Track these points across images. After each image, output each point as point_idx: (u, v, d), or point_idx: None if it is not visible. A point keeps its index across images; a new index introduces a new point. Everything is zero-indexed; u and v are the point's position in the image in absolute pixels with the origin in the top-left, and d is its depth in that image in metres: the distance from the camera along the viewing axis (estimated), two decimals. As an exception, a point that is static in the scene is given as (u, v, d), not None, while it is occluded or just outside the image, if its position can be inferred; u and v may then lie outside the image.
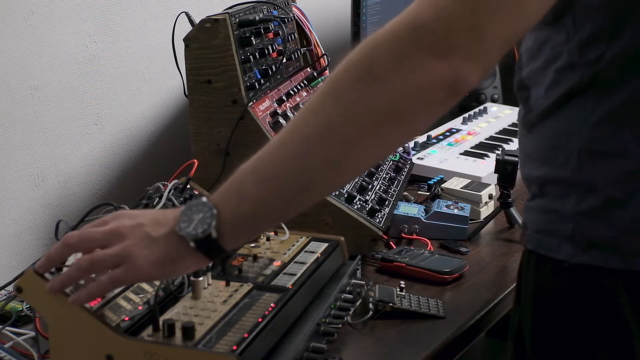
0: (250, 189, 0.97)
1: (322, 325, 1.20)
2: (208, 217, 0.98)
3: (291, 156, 0.96)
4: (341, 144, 0.94)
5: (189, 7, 1.72)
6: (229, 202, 0.99)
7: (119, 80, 1.74)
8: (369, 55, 0.92)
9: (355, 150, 0.94)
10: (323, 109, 0.95)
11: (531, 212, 1.13)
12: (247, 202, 0.98)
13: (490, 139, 2.18)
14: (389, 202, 1.59)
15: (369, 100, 0.91)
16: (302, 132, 0.96)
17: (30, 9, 1.52)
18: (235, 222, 0.99)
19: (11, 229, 1.55)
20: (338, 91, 0.94)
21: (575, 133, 1.05)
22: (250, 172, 0.98)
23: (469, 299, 1.39)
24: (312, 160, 0.96)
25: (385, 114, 0.92)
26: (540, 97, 1.10)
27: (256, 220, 1.00)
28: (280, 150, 0.97)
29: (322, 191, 1.03)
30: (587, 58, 1.03)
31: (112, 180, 1.75)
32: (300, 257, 1.33)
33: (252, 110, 1.49)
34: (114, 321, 1.08)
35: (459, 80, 0.89)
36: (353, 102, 0.92)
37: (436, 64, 0.89)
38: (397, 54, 0.90)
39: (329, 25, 2.24)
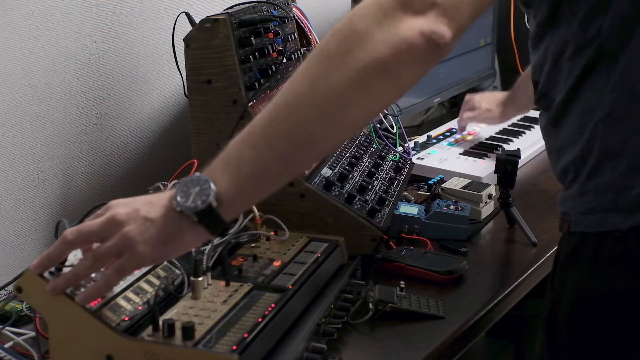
0: (247, 153, 1.01)
1: (322, 325, 1.20)
2: (205, 188, 1.00)
3: (286, 114, 1.01)
4: (332, 97, 0.99)
5: (189, 7, 1.72)
6: (225, 171, 1.01)
7: (119, 80, 1.74)
8: (353, 18, 1.00)
9: (346, 103, 1.00)
10: (313, 67, 1.01)
11: (570, 200, 1.17)
12: (246, 166, 1.01)
13: (490, 139, 2.18)
14: (389, 202, 1.59)
15: (357, 54, 0.98)
16: (294, 90, 1.01)
17: (30, 9, 1.52)
18: (234, 189, 1.01)
19: (11, 229, 1.55)
20: (326, 51, 1.01)
21: (597, 105, 1.11)
22: (244, 138, 1.02)
23: (469, 299, 1.39)
24: (306, 115, 1.00)
25: (372, 66, 0.98)
26: (560, 91, 1.16)
27: (256, 183, 1.03)
28: (273, 111, 1.02)
29: (319, 147, 1.06)
30: (590, 33, 1.10)
31: (112, 180, 1.75)
32: (300, 257, 1.33)
33: (252, 110, 1.49)
34: (114, 321, 1.08)
35: (435, 32, 0.98)
36: (342, 57, 0.98)
37: (414, 18, 0.98)
38: (378, 14, 0.98)
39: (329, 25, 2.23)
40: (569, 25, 1.13)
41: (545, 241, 1.60)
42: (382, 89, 1.00)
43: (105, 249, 1.02)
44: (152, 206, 1.03)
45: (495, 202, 1.74)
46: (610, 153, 1.11)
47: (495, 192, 1.75)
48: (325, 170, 1.56)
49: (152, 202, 1.03)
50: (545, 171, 1.99)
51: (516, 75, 2.70)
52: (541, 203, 1.81)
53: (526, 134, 2.23)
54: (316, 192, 1.46)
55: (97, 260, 1.03)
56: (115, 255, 1.02)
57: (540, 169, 2.03)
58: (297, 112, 1.00)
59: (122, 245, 1.01)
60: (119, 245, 1.01)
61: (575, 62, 1.13)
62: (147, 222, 1.01)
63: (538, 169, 2.04)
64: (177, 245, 1.03)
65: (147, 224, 1.01)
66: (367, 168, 1.67)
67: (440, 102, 2.50)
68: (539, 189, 1.90)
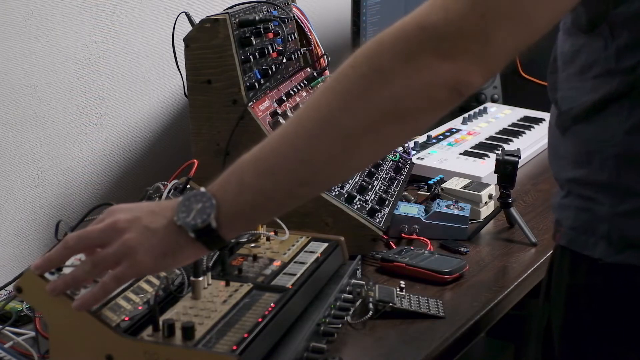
0: (251, 180, 0.98)
1: (322, 325, 1.20)
2: (207, 207, 0.99)
3: (292, 150, 0.97)
4: (342, 140, 0.95)
5: (189, 7, 1.72)
6: (228, 192, 0.99)
7: (119, 80, 1.74)
8: (376, 52, 0.93)
9: (356, 146, 0.95)
10: (326, 104, 0.95)
11: (565, 210, 1.14)
12: (247, 193, 0.99)
13: (490, 139, 2.18)
14: (389, 202, 1.59)
15: (373, 97, 0.92)
16: (304, 125, 0.97)
17: (30, 9, 1.52)
18: (235, 213, 1.00)
19: (11, 229, 1.55)
20: (342, 87, 0.94)
21: (609, 139, 1.06)
22: (251, 163, 0.99)
23: (469, 299, 1.39)
24: (313, 154, 0.96)
25: (388, 111, 0.92)
26: (575, 101, 1.10)
27: (255, 211, 1.01)
28: (281, 143, 0.98)
29: (321, 186, 1.04)
30: (625, 65, 1.03)
31: (112, 180, 1.75)
32: (300, 257, 1.33)
33: (252, 110, 1.49)
34: (114, 321, 1.08)
35: (462, 82, 0.91)
36: (356, 98, 0.93)
37: (441, 64, 0.89)
38: (403, 53, 0.91)
39: (329, 25, 2.24)
40: (605, 45, 1.05)
41: (545, 241, 1.60)
42: (396, 134, 0.96)
43: (104, 256, 1.02)
44: (154, 216, 1.02)
45: (495, 202, 1.74)
46: (618, 190, 1.06)
47: (495, 192, 1.75)
48: (325, 170, 1.56)
49: (154, 212, 1.02)
50: (546, 171, 1.99)
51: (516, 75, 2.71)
52: (541, 203, 1.81)
53: (526, 134, 2.23)
54: (316, 192, 1.46)
55: (95, 266, 1.03)
56: (114, 262, 1.02)
57: (540, 169, 2.03)
58: (304, 149, 0.96)
59: (122, 253, 1.01)
60: (119, 253, 1.01)
61: (599, 84, 1.07)
62: (148, 232, 1.00)
63: (538, 169, 2.04)
64: (176, 258, 1.02)
65: (148, 233, 1.00)
66: (367, 168, 1.67)
67: (440, 102, 2.49)
68: (539, 189, 1.90)
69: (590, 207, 1.09)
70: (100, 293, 1.03)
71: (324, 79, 1.77)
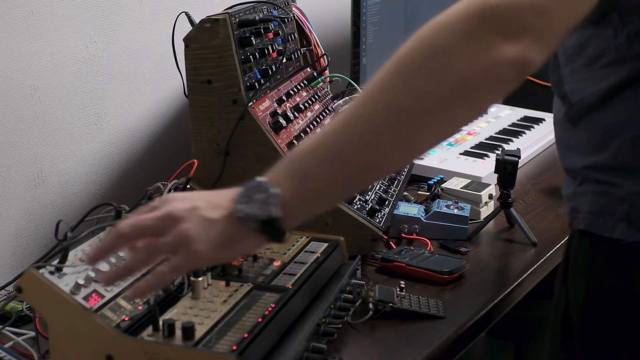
0: (313, 167, 0.97)
1: (322, 325, 1.20)
2: (270, 197, 0.97)
3: (356, 134, 0.96)
4: (408, 123, 0.94)
5: (189, 7, 1.72)
6: (288, 181, 0.98)
7: (119, 80, 1.74)
8: (439, 33, 0.93)
9: (422, 128, 0.95)
10: (391, 86, 0.95)
11: (582, 196, 1.15)
12: (310, 180, 0.97)
13: (490, 139, 2.18)
14: (389, 202, 1.59)
15: (438, 77, 0.92)
16: (369, 109, 0.96)
17: (30, 9, 1.52)
18: (298, 202, 0.98)
19: (11, 229, 1.55)
20: (406, 69, 0.94)
21: (627, 123, 1.08)
22: (311, 151, 0.98)
23: (469, 299, 1.39)
24: (379, 137, 0.95)
25: (454, 92, 0.92)
26: (586, 91, 1.12)
27: (319, 198, 1.00)
28: (344, 129, 0.97)
29: (387, 169, 1.03)
30: (636, 50, 1.06)
31: (112, 180, 1.75)
32: (300, 257, 1.33)
33: (252, 110, 1.49)
34: (114, 321, 1.08)
35: (526, 60, 0.91)
36: (422, 80, 0.93)
37: (504, 44, 0.90)
38: (467, 34, 0.91)
39: (329, 25, 2.24)
40: (615, 34, 1.08)
41: (545, 241, 1.60)
42: (461, 114, 0.96)
43: (162, 245, 0.99)
44: (213, 206, 0.99)
45: (495, 202, 1.74)
46: (635, 171, 1.08)
47: (495, 192, 1.75)
48: (325, 170, 1.56)
49: (211, 202, 1.00)
50: (546, 171, 1.99)
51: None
52: (541, 203, 1.81)
53: (526, 134, 2.23)
54: (316, 192, 1.46)
55: (152, 254, 1.00)
56: (170, 252, 0.99)
57: (540, 169, 2.03)
58: (370, 133, 0.95)
59: (179, 243, 0.98)
60: (176, 243, 0.98)
61: (611, 71, 1.09)
62: (207, 222, 0.98)
63: (538, 169, 2.04)
64: (235, 249, 1.00)
65: (206, 224, 0.98)
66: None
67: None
68: (539, 189, 1.90)
69: (607, 191, 1.11)
70: (156, 283, 1.01)
71: (324, 79, 1.77)
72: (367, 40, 1.97)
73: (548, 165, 2.04)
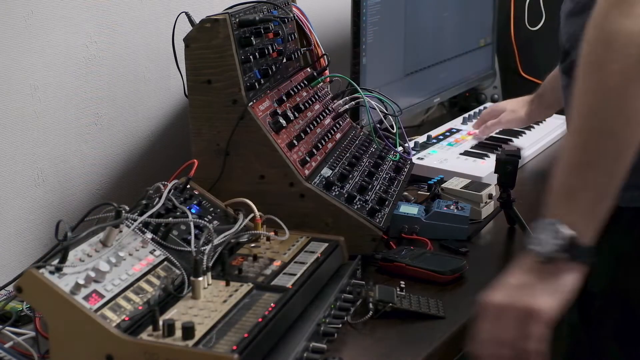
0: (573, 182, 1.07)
1: (322, 325, 1.20)
2: (551, 224, 1.05)
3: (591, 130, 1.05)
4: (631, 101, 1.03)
5: (189, 7, 1.72)
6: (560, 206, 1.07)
7: (119, 80, 1.74)
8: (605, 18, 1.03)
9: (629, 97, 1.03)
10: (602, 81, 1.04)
11: None
12: (578, 197, 1.06)
13: (490, 139, 2.18)
14: (389, 202, 1.59)
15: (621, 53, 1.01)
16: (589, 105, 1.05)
17: (30, 9, 1.52)
18: (581, 215, 1.05)
19: (11, 229, 1.55)
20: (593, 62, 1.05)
21: None
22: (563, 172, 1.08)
23: (469, 299, 1.39)
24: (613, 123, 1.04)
25: None
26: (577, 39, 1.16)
27: (595, 203, 1.06)
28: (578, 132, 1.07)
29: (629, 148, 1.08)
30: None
31: (112, 180, 1.75)
32: (300, 257, 1.33)
33: (252, 110, 1.49)
34: (114, 321, 1.08)
35: None
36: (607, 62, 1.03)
37: None
38: None
39: (329, 25, 2.24)
40: None
41: (545, 241, 1.59)
42: None
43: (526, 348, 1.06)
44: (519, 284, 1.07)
45: (495, 202, 1.74)
46: None
47: (495, 192, 1.75)
48: (325, 170, 1.56)
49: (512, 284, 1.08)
50: (546, 171, 1.99)
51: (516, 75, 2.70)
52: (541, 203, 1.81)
53: (526, 134, 2.23)
54: (316, 192, 1.46)
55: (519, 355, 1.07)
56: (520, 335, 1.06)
57: (541, 169, 2.03)
58: (602, 123, 1.04)
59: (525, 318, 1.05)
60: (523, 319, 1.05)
61: None
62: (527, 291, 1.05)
63: (538, 169, 2.04)
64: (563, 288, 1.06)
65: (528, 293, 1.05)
66: (367, 168, 1.67)
67: (440, 102, 2.50)
68: (539, 189, 1.90)
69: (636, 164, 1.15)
70: None
71: (324, 79, 1.77)
72: (367, 40, 1.97)
73: (548, 165, 2.04)
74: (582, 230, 1.04)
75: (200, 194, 1.44)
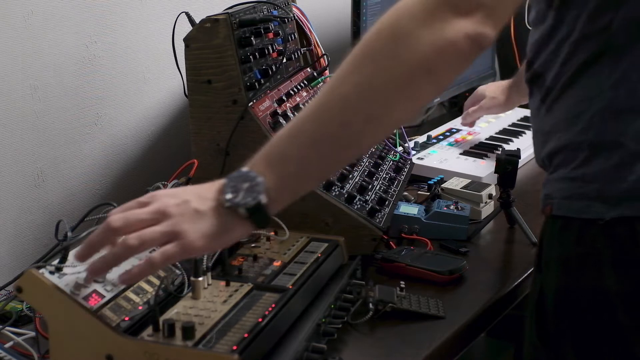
0: (293, 152, 1.03)
1: (322, 325, 1.20)
2: (255, 184, 1.02)
3: (332, 116, 1.03)
4: (378, 99, 1.01)
5: (189, 7, 1.72)
6: (271, 167, 1.03)
7: (119, 80, 1.74)
8: (399, 16, 1.02)
9: (391, 104, 1.02)
10: (360, 68, 1.02)
11: (555, 182, 1.20)
12: (290, 164, 1.03)
13: (490, 139, 2.18)
14: (389, 202, 1.59)
15: (402, 55, 1.00)
16: (341, 92, 1.02)
17: (30, 9, 1.52)
18: (281, 186, 1.03)
19: (11, 229, 1.55)
20: (372, 51, 1.02)
21: (596, 96, 1.12)
22: (290, 136, 1.04)
23: (469, 299, 1.39)
24: (353, 117, 1.02)
25: (417, 67, 1.00)
26: (553, 76, 1.17)
27: (301, 181, 1.06)
28: (320, 112, 1.04)
29: (362, 147, 1.09)
30: (598, 26, 1.11)
31: (112, 180, 1.75)
32: (300, 257, 1.33)
33: (252, 110, 1.49)
34: (114, 321, 1.08)
35: (480, 34, 0.99)
36: (388, 59, 1.00)
37: (460, 20, 0.98)
38: (424, 14, 1.00)
39: (329, 25, 2.24)
40: (578, 12, 1.13)
41: (545, 241, 1.59)
42: (425, 89, 1.02)
43: (156, 234, 1.02)
44: (202, 199, 1.04)
45: (495, 202, 1.74)
46: (604, 146, 1.12)
47: (495, 192, 1.75)
48: (325, 170, 1.56)
49: (201, 195, 1.04)
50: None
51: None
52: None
53: (526, 134, 2.23)
54: (316, 192, 1.46)
55: (143, 243, 1.02)
56: (162, 242, 1.02)
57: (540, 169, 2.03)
58: (342, 114, 1.02)
59: (172, 233, 1.02)
60: (169, 234, 1.02)
61: (578, 49, 1.13)
62: (198, 214, 1.02)
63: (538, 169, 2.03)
64: (225, 238, 1.04)
65: (198, 215, 1.02)
66: (367, 168, 1.67)
67: (440, 102, 2.50)
68: (538, 189, 1.89)
69: (579, 174, 1.14)
70: (147, 269, 1.04)
71: (324, 79, 1.77)
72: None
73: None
74: (274, 200, 1.02)
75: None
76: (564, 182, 1.17)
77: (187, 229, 1.01)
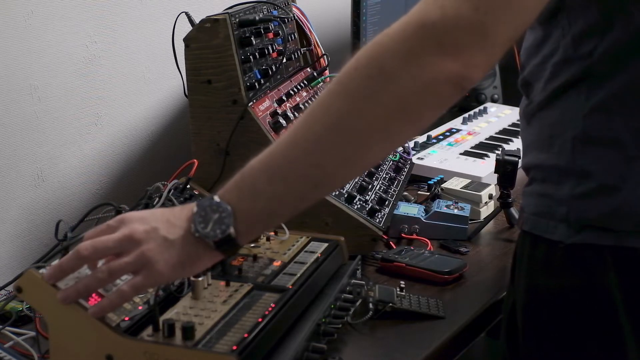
0: (264, 187, 1.00)
1: (322, 325, 1.20)
2: (225, 216, 1.00)
3: (303, 154, 0.98)
4: (352, 141, 0.96)
5: (189, 7, 1.72)
6: (242, 200, 1.01)
7: (119, 80, 1.74)
8: (378, 53, 0.94)
9: (365, 146, 0.97)
10: (334, 107, 0.97)
11: (528, 197, 1.19)
12: (261, 200, 1.00)
13: (490, 139, 2.18)
14: (389, 202, 1.59)
15: (379, 97, 0.94)
16: (314, 130, 0.98)
17: (30, 9, 1.52)
18: (251, 220, 1.01)
19: (11, 229, 1.55)
20: (348, 89, 0.96)
21: (570, 122, 1.10)
22: (262, 170, 1.00)
23: (469, 299, 1.39)
24: (324, 158, 0.98)
25: (394, 110, 0.94)
26: (539, 90, 1.16)
27: (270, 217, 1.03)
28: (292, 148, 0.99)
29: (333, 186, 1.07)
30: (581, 52, 1.09)
31: (112, 180, 1.75)
32: (300, 257, 1.33)
33: (252, 110, 1.49)
34: (114, 321, 1.08)
35: (465, 76, 0.92)
36: (363, 99, 0.95)
37: (443, 61, 0.91)
38: (405, 52, 0.92)
39: (329, 25, 2.24)
40: (562, 34, 1.11)
41: (545, 241, 1.59)
42: (403, 131, 0.98)
43: (123, 265, 1.02)
44: (171, 226, 1.02)
45: (495, 202, 1.74)
46: (573, 173, 1.10)
47: (495, 192, 1.75)
48: (325, 170, 1.56)
49: (170, 222, 1.03)
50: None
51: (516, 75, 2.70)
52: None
53: (526, 134, 2.23)
54: (316, 192, 1.46)
55: (112, 274, 1.03)
56: (131, 272, 1.02)
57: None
58: (315, 153, 0.98)
59: (140, 263, 1.01)
60: (137, 263, 1.01)
61: (559, 70, 1.11)
62: (167, 243, 1.01)
63: (538, 169, 2.04)
64: (193, 267, 1.03)
65: (166, 244, 1.01)
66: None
67: (440, 102, 2.49)
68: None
69: (550, 192, 1.13)
70: (117, 300, 1.04)
71: (324, 79, 1.77)
72: (367, 40, 1.97)
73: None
74: (243, 233, 1.00)
75: (200, 194, 1.44)
76: (535, 198, 1.16)
77: (155, 259, 1.00)
